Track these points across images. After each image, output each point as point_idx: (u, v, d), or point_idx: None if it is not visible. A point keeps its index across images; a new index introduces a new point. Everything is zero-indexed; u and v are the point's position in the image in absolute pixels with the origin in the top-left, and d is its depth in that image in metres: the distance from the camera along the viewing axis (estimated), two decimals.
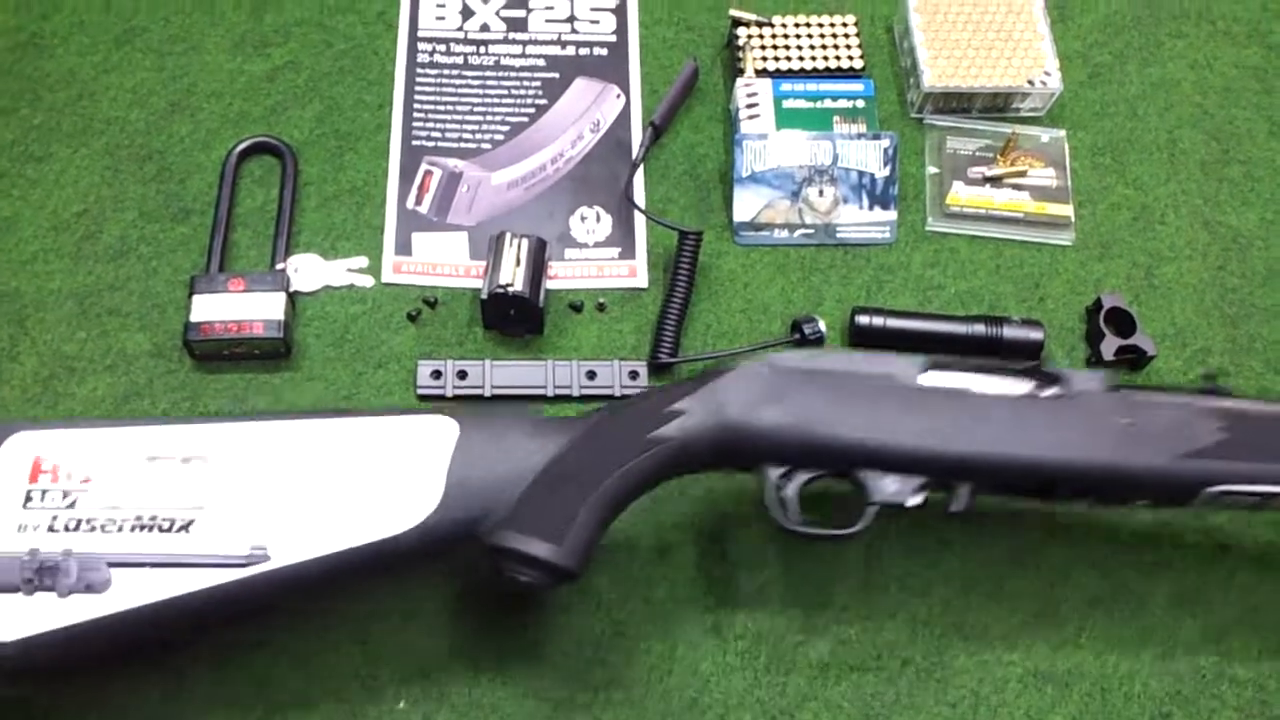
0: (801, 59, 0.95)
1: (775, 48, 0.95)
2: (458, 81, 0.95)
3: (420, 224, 0.89)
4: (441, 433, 0.64)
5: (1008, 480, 0.68)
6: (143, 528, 0.60)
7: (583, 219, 0.90)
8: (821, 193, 0.90)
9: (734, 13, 0.96)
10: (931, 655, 0.77)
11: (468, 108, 0.94)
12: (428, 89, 0.94)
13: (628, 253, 0.89)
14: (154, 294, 0.85)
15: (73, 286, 0.85)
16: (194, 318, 0.81)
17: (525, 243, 0.83)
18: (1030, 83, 0.93)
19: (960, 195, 0.92)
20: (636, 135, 0.94)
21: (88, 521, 0.60)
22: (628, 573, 0.78)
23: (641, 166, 0.92)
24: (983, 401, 0.67)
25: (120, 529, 0.60)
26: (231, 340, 0.81)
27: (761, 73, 0.94)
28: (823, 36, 0.96)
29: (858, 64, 0.95)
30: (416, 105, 0.94)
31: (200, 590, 0.59)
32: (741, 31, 0.95)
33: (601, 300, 0.87)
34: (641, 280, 0.88)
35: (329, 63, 0.95)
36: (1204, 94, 0.99)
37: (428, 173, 0.91)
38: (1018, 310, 0.88)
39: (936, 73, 0.93)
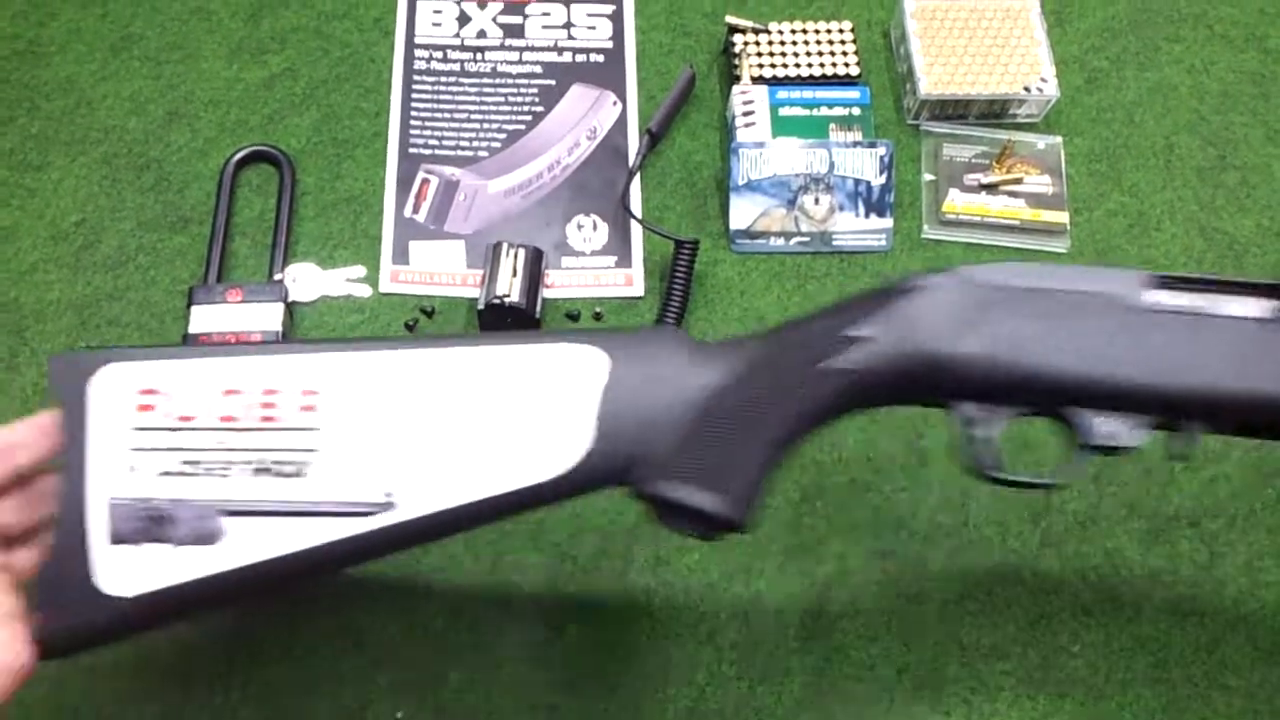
0: (798, 66, 0.95)
1: (772, 55, 0.95)
2: (454, 88, 0.95)
3: (417, 232, 0.89)
4: (590, 365, 0.56)
5: (1250, 418, 0.57)
6: (257, 470, 0.53)
7: (579, 227, 0.90)
8: (817, 200, 0.90)
9: (730, 19, 0.96)
10: (925, 664, 0.78)
11: (465, 115, 0.94)
12: (424, 96, 0.94)
13: (624, 261, 0.89)
14: (152, 304, 0.86)
15: (72, 297, 0.86)
16: (192, 329, 0.82)
17: (522, 253, 0.84)
18: (1026, 89, 0.93)
19: (956, 202, 0.92)
20: (633, 142, 0.94)
21: (198, 464, 0.53)
22: (625, 581, 0.79)
23: (638, 174, 0.92)
24: (1222, 325, 0.56)
25: (234, 473, 0.54)
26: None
27: (758, 80, 0.94)
28: (819, 43, 0.96)
29: (854, 71, 0.95)
30: (413, 112, 0.94)
31: (320, 544, 0.53)
32: (738, 39, 0.95)
33: (598, 309, 0.88)
34: (638, 289, 0.89)
35: (326, 70, 0.95)
36: (1201, 99, 0.99)
37: (425, 181, 0.91)
38: None
39: (933, 80, 0.93)
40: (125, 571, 0.52)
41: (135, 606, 0.52)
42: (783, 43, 0.96)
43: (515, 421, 0.54)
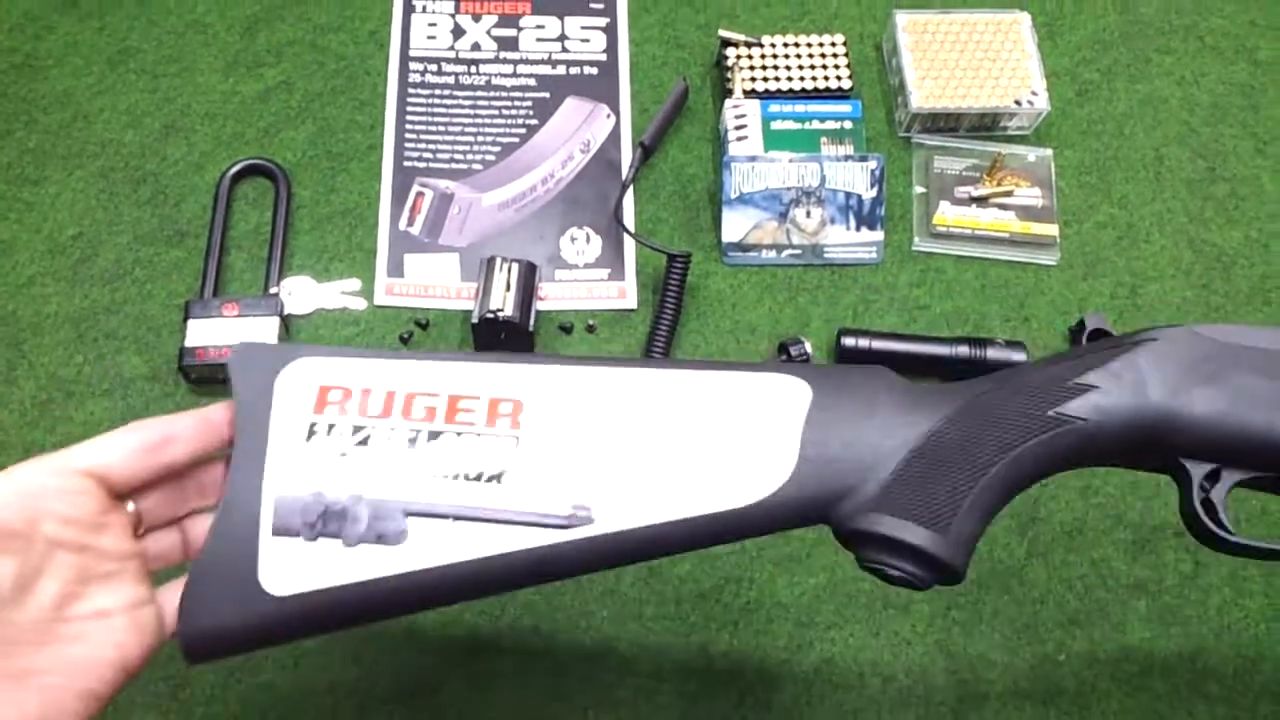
0: (790, 79, 0.95)
1: (764, 68, 0.96)
2: (449, 101, 0.96)
3: (412, 245, 0.90)
4: (792, 394, 0.54)
5: None
6: (447, 474, 0.52)
7: (573, 240, 0.91)
8: (809, 214, 0.91)
9: (723, 33, 0.96)
10: (913, 673, 0.79)
11: (459, 128, 0.95)
12: (419, 109, 0.95)
13: (617, 274, 0.90)
14: (149, 317, 0.86)
15: (69, 310, 0.86)
16: (189, 343, 0.82)
17: (515, 267, 0.85)
18: (1017, 102, 0.94)
19: (947, 215, 0.92)
20: (626, 155, 0.94)
21: (382, 462, 0.52)
22: (617, 591, 0.80)
23: (631, 187, 0.93)
24: None
25: (421, 474, 0.52)
26: (226, 364, 0.82)
27: (750, 93, 0.95)
28: (811, 57, 0.97)
29: (846, 84, 0.96)
30: (408, 126, 0.94)
31: (510, 553, 0.51)
32: (730, 52, 0.96)
33: (591, 322, 0.89)
34: (631, 301, 0.90)
35: (321, 83, 0.96)
36: (1191, 111, 1.00)
37: (419, 194, 0.92)
38: (1002, 330, 0.90)
39: (924, 94, 0.94)
40: (294, 568, 0.50)
41: (300, 606, 0.50)
42: (775, 56, 0.97)
43: (715, 444, 0.53)
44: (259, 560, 0.49)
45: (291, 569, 0.49)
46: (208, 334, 0.83)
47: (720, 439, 0.53)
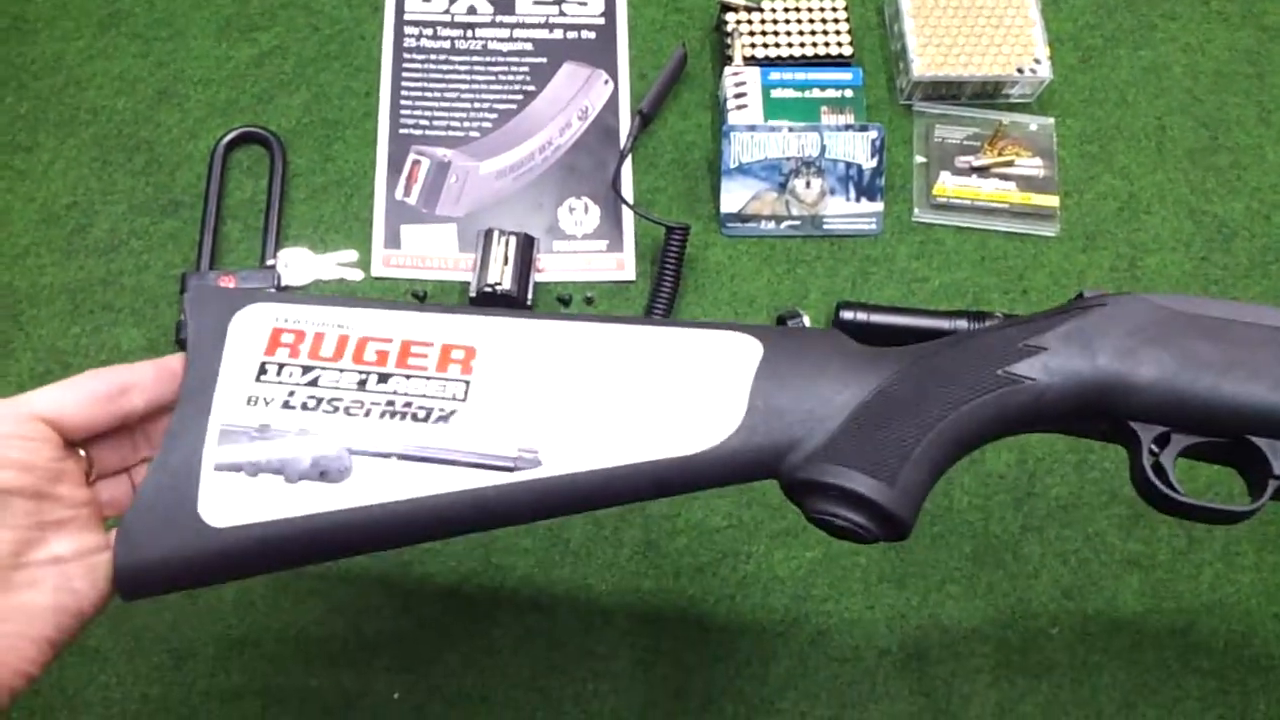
0: (790, 46, 0.94)
1: (764, 34, 0.95)
2: (445, 67, 0.94)
3: (409, 216, 0.89)
4: (743, 350, 0.54)
5: None
6: (394, 414, 0.52)
7: (571, 210, 0.91)
8: (809, 184, 0.90)
9: None
10: (907, 646, 0.80)
11: (455, 94, 0.93)
12: (415, 75, 0.94)
13: (615, 245, 0.90)
14: (146, 289, 0.86)
15: (65, 281, 0.86)
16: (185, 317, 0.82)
17: (513, 240, 0.84)
18: (1020, 71, 0.93)
19: (947, 185, 0.92)
20: (624, 122, 0.93)
21: (330, 402, 0.52)
22: (615, 563, 0.81)
23: (629, 156, 0.92)
24: None
25: (368, 414, 0.52)
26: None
27: (750, 60, 0.94)
28: (812, 22, 0.95)
29: (847, 51, 0.94)
30: (404, 92, 0.93)
31: (455, 492, 0.51)
32: (730, 17, 0.95)
33: (589, 294, 0.88)
34: (629, 273, 0.89)
35: (315, 48, 0.95)
36: (1195, 79, 0.99)
37: (416, 162, 0.91)
38: (1001, 303, 0.90)
39: (926, 61, 0.92)
40: (236, 502, 0.49)
41: (240, 539, 0.49)
42: (775, 21, 0.95)
43: (664, 395, 0.53)
44: (199, 492, 0.49)
45: (233, 502, 0.49)
46: None
47: (670, 390, 0.53)
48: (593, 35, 0.96)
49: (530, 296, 0.84)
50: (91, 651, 0.76)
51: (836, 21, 0.96)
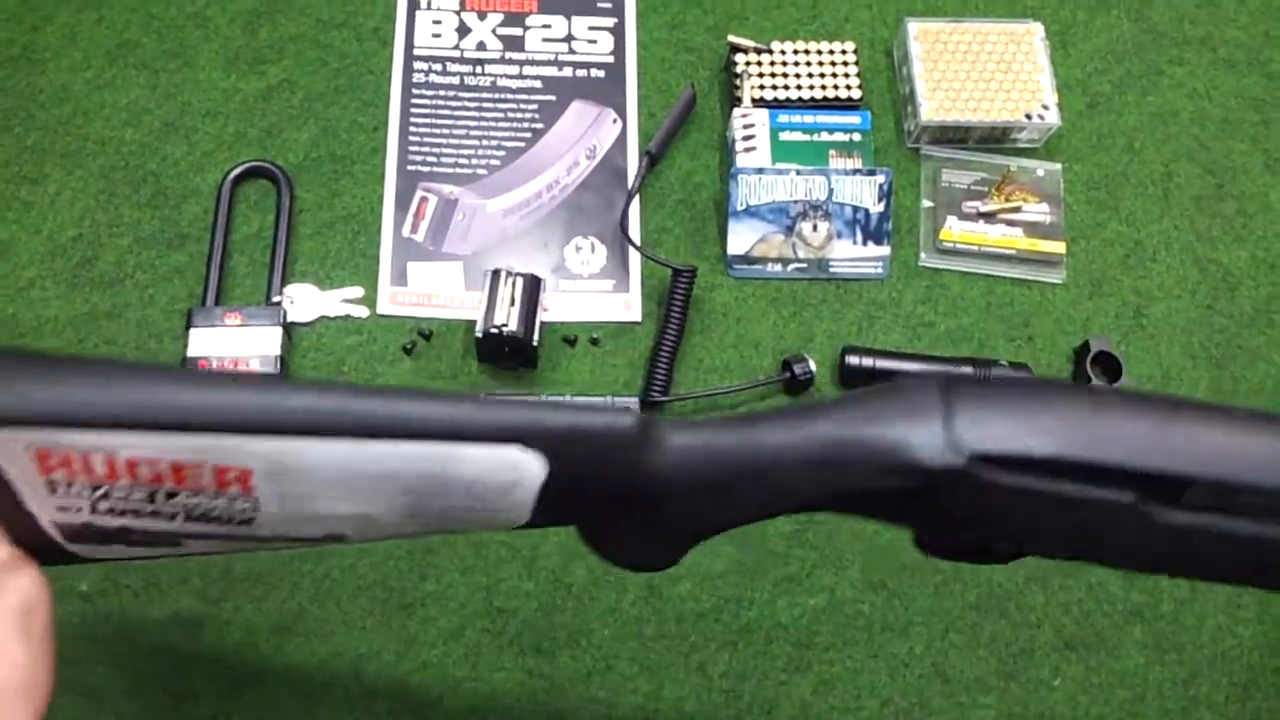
0: (799, 88, 0.94)
1: (773, 76, 0.95)
2: (454, 103, 0.94)
3: (416, 253, 0.89)
4: (525, 468, 0.50)
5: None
6: (197, 518, 0.50)
7: (577, 249, 0.91)
8: (815, 227, 0.90)
9: (733, 39, 0.95)
10: (910, 696, 0.80)
11: (464, 131, 0.93)
12: (423, 110, 0.94)
13: (621, 285, 0.90)
14: (151, 323, 0.86)
15: (70, 314, 0.86)
16: (191, 353, 0.82)
17: (520, 281, 0.84)
18: (1028, 116, 0.93)
19: (954, 230, 0.92)
20: (632, 161, 0.93)
21: (132, 511, 0.50)
22: (617, 610, 0.80)
23: (637, 195, 0.92)
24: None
25: (174, 516, 0.50)
26: None
27: (759, 102, 0.94)
28: (821, 65, 0.95)
29: (855, 94, 0.95)
30: (412, 128, 0.93)
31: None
32: (739, 59, 0.95)
33: (595, 335, 0.88)
34: (635, 314, 0.89)
35: (324, 82, 0.94)
36: (1202, 125, 0.99)
37: (423, 199, 0.91)
38: (1006, 350, 0.90)
39: (934, 106, 0.93)
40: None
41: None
42: (784, 64, 0.95)
43: (447, 501, 0.51)
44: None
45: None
46: (210, 344, 0.82)
47: (452, 498, 0.50)
48: (602, 74, 0.96)
49: (536, 338, 0.84)
50: (91, 691, 0.76)
51: (845, 65, 0.96)
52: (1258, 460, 0.43)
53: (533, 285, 0.84)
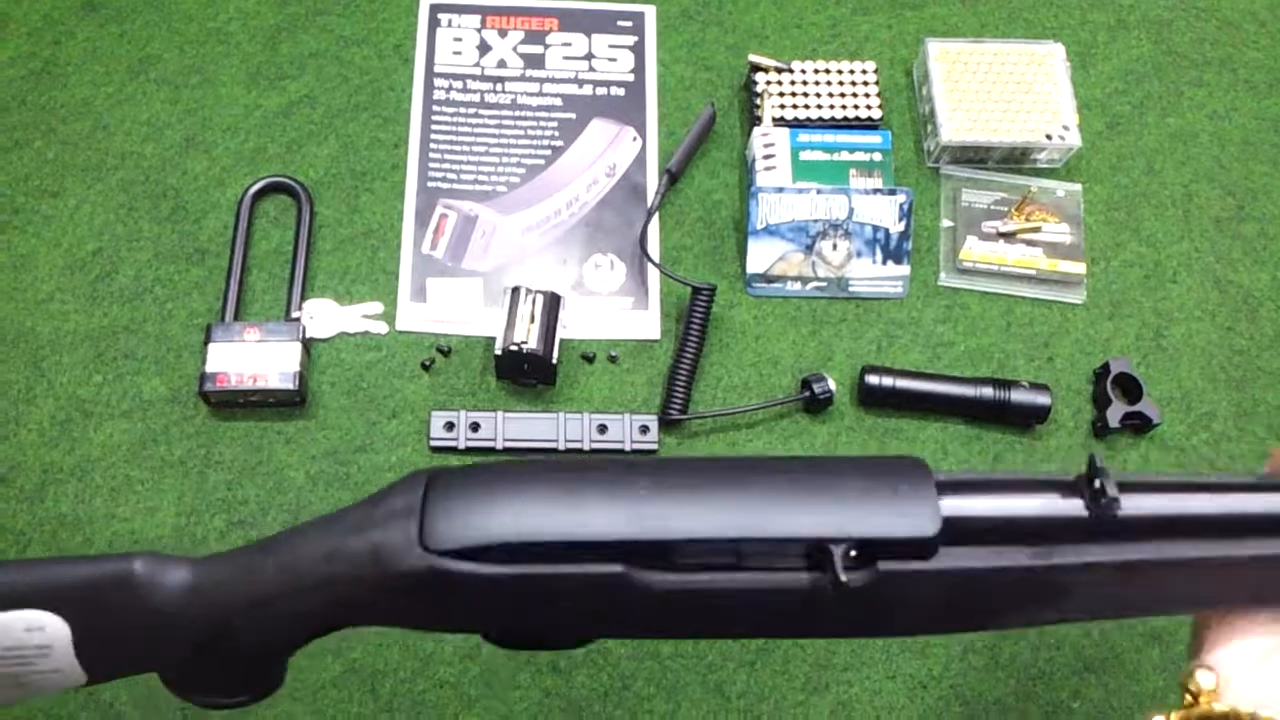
0: (820, 108, 0.94)
1: (794, 95, 0.95)
2: (474, 120, 0.94)
3: (435, 269, 0.89)
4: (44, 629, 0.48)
5: None
6: None
7: (596, 266, 0.90)
8: (835, 246, 0.90)
9: (753, 58, 0.95)
10: (929, 717, 0.79)
11: (484, 148, 0.93)
12: (444, 127, 0.94)
13: (640, 303, 0.90)
14: (169, 338, 0.86)
15: (89, 328, 0.86)
16: (209, 368, 0.82)
17: (540, 298, 0.84)
18: (1049, 137, 0.93)
19: (974, 250, 0.92)
20: (652, 179, 0.93)
21: None
22: None
23: (656, 213, 0.92)
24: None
25: None
26: (246, 391, 0.82)
27: (779, 122, 0.94)
28: (841, 85, 0.95)
29: (876, 114, 0.94)
30: (433, 144, 0.93)
31: None
32: (760, 78, 0.95)
33: (613, 352, 0.88)
34: (654, 331, 0.89)
35: (345, 98, 0.95)
36: (1222, 146, 0.99)
37: (443, 216, 0.91)
38: (1026, 371, 0.89)
39: (954, 126, 0.93)
40: None
41: None
42: (805, 83, 0.95)
43: None
44: None
45: None
46: (229, 359, 0.82)
47: None
48: (622, 92, 0.96)
49: (556, 355, 0.84)
50: (105, 707, 0.76)
51: (866, 84, 0.96)
52: (719, 519, 0.43)
53: (552, 302, 0.84)
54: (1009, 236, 0.92)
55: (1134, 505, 0.44)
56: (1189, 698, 0.44)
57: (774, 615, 0.45)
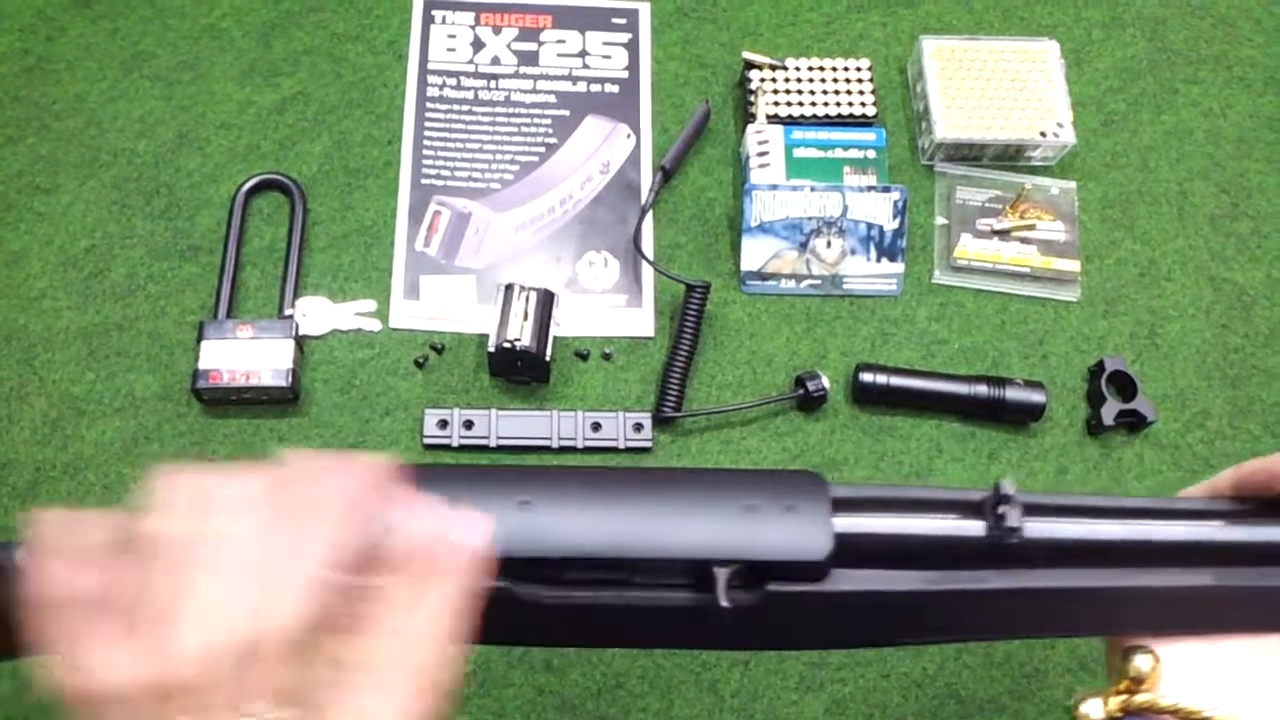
0: (814, 105, 0.94)
1: (788, 92, 0.94)
2: (468, 117, 0.94)
3: (428, 266, 0.89)
4: None
5: None
6: None
7: (590, 264, 0.90)
8: (829, 244, 0.90)
9: (747, 55, 0.95)
10: (923, 716, 0.79)
11: (477, 145, 0.93)
12: (437, 124, 0.94)
13: (634, 300, 0.89)
14: (162, 335, 0.86)
15: (81, 325, 0.85)
16: (202, 365, 0.82)
17: (533, 295, 0.84)
18: (1043, 134, 0.93)
19: (968, 248, 0.92)
20: (646, 176, 0.93)
21: None
22: None
23: (650, 211, 0.92)
24: None
25: None
26: (239, 388, 0.81)
27: (773, 119, 0.93)
28: (835, 82, 0.95)
29: (870, 111, 0.94)
30: (426, 141, 0.93)
31: None
32: (754, 75, 0.95)
33: (607, 349, 0.88)
34: (648, 329, 0.89)
35: (338, 95, 0.94)
36: (1217, 144, 0.99)
37: (436, 213, 0.91)
38: (1021, 368, 0.89)
39: (949, 123, 0.92)
40: None
41: None
42: (799, 80, 0.95)
43: None
44: None
45: None
46: (221, 357, 0.82)
47: None
48: (616, 89, 0.96)
49: (549, 353, 0.84)
50: None
51: (860, 81, 0.96)
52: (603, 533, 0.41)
53: (546, 300, 0.84)
54: (1003, 234, 0.92)
55: (1038, 530, 0.43)
56: (1127, 683, 0.42)
57: (664, 630, 0.44)
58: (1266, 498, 0.44)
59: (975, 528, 0.43)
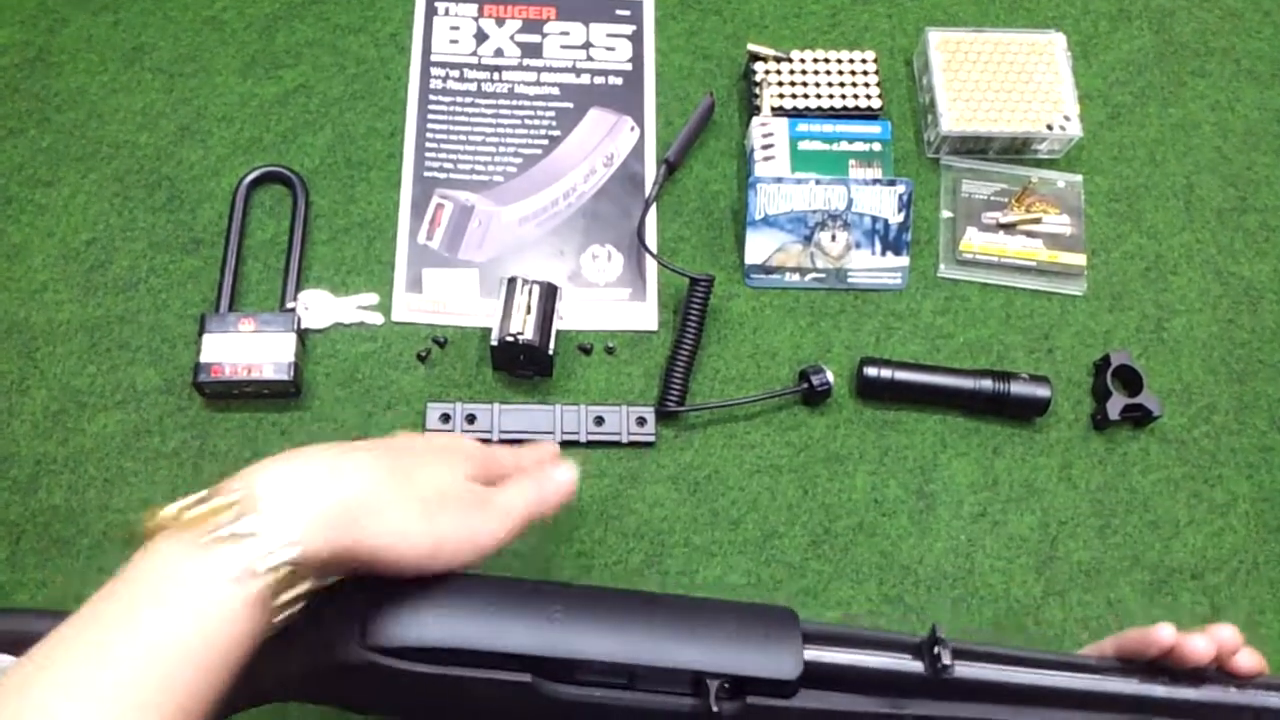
0: (819, 97, 0.94)
1: (793, 84, 0.94)
2: (470, 110, 0.94)
3: (431, 260, 0.89)
4: None
5: None
6: None
7: (594, 257, 0.90)
8: (834, 237, 0.90)
9: (752, 47, 0.94)
10: None
11: (480, 138, 0.93)
12: (440, 117, 0.93)
13: (638, 294, 0.89)
14: (164, 328, 0.85)
15: (82, 318, 0.85)
16: (204, 358, 0.81)
17: (536, 289, 0.83)
18: (1049, 127, 0.92)
19: (973, 242, 0.91)
20: (650, 169, 0.93)
21: None
22: None
23: (654, 204, 0.91)
24: None
25: None
26: (241, 382, 0.81)
27: (778, 111, 0.93)
28: (841, 74, 0.95)
29: (875, 104, 0.94)
30: (429, 134, 0.93)
31: None
32: (759, 67, 0.94)
33: (610, 343, 0.87)
34: (651, 322, 0.88)
35: (341, 87, 0.94)
36: (1224, 137, 0.98)
37: (439, 206, 0.90)
38: (1026, 363, 0.89)
39: (955, 116, 0.92)
40: None
41: None
42: (804, 72, 0.94)
43: None
44: None
45: None
46: (223, 350, 0.82)
47: None
48: (620, 81, 0.96)
49: (552, 346, 0.83)
50: None
51: (866, 74, 0.95)
52: (631, 643, 0.51)
53: (549, 293, 0.84)
54: (1009, 228, 0.92)
55: (967, 671, 0.53)
56: None
57: None
58: (1140, 660, 0.56)
59: (916, 666, 0.53)
